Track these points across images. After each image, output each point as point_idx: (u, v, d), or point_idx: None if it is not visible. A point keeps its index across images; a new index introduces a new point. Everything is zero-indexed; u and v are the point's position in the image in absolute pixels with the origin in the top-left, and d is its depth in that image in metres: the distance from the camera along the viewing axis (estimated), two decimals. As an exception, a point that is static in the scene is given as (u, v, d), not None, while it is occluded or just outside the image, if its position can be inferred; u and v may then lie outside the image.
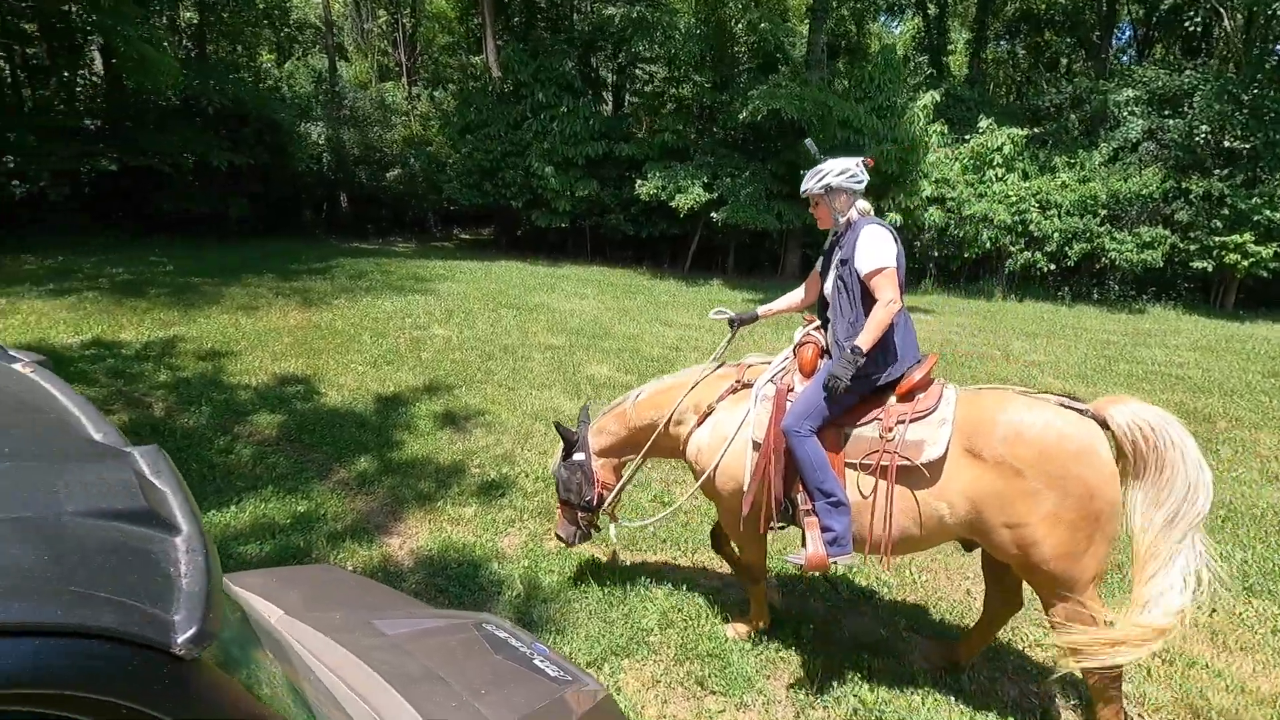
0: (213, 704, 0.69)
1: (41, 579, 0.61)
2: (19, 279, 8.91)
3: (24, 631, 0.57)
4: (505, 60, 15.46)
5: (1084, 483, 2.14)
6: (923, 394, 2.44)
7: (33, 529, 0.65)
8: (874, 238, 2.47)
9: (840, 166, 2.59)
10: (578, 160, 14.85)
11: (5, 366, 1.11)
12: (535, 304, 10.47)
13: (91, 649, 0.61)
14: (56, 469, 0.77)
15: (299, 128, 15.38)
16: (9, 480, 0.70)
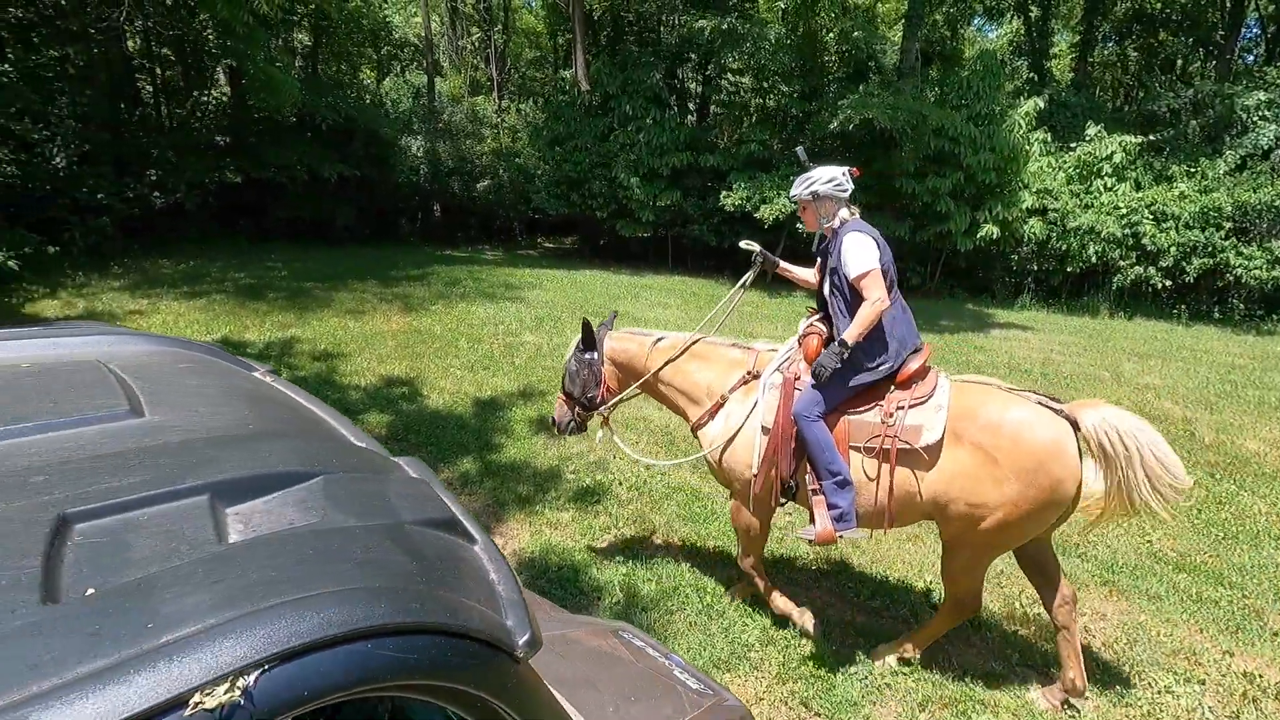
0: (537, 701, 0.78)
1: (420, 583, 0.70)
2: (158, 281, 9.81)
3: (421, 630, 0.66)
4: (594, 74, 15.82)
5: (1050, 476, 2.35)
6: (920, 381, 2.63)
7: (396, 536, 0.74)
8: (857, 244, 2.63)
9: (828, 175, 2.74)
10: (662, 171, 15.01)
11: (256, 377, 1.25)
12: (620, 313, 10.62)
13: (464, 647, 0.70)
14: (377, 479, 0.87)
15: (400, 141, 16.23)
16: (351, 489, 0.80)
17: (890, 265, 2.69)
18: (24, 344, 1.11)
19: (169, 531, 0.67)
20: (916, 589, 3.54)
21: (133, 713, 0.50)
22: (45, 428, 0.81)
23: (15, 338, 1.14)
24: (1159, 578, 3.69)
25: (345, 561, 0.68)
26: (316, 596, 0.62)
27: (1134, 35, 21.83)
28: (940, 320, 11.85)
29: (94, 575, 0.60)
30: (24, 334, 1.17)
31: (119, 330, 1.32)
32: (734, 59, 14.90)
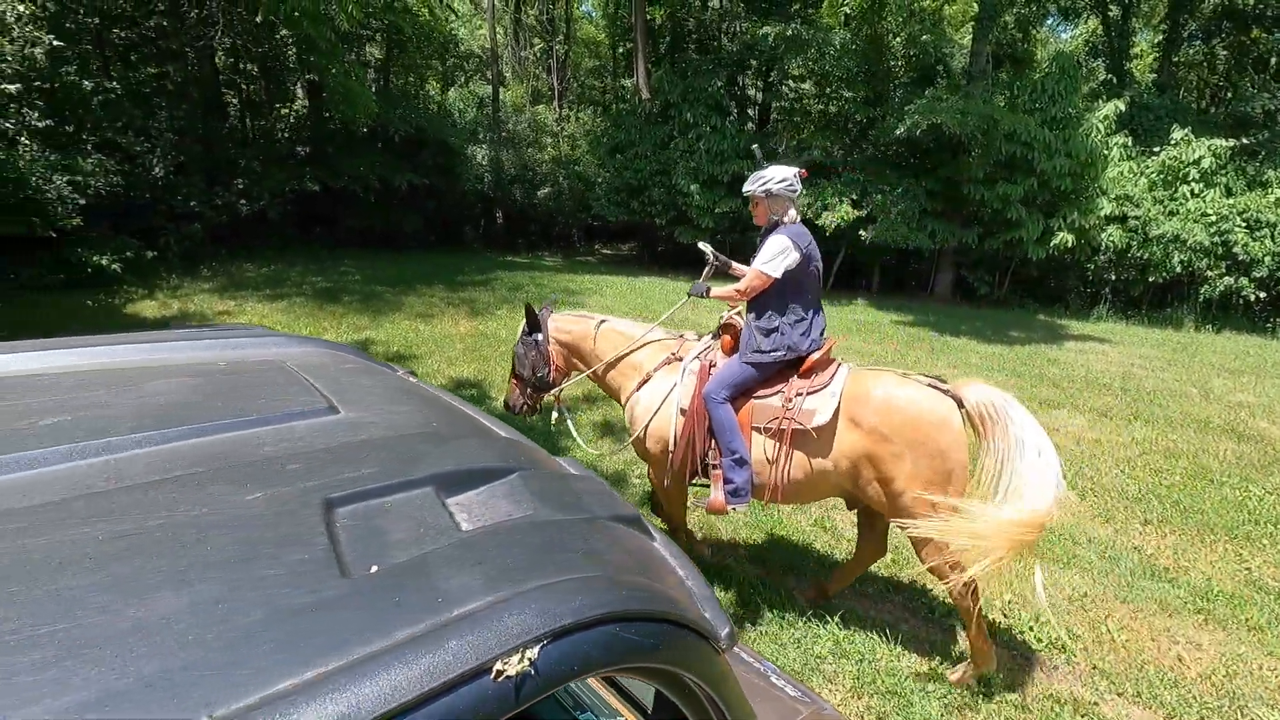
0: (737, 691, 0.84)
1: (640, 575, 0.77)
2: (243, 285, 10.38)
3: (652, 618, 0.72)
4: (655, 82, 15.96)
5: (939, 447, 2.60)
6: (821, 372, 2.90)
7: (601, 531, 0.81)
8: (775, 244, 2.89)
9: (781, 175, 2.93)
10: (722, 178, 15.02)
11: (405, 377, 1.33)
12: (679, 319, 10.69)
13: (685, 636, 0.76)
14: (560, 478, 0.93)
15: (467, 150, 16.71)
16: (545, 486, 0.86)
17: (811, 270, 2.95)
18: (209, 343, 1.22)
19: (412, 518, 0.73)
20: (994, 608, 3.45)
21: (451, 676, 0.56)
22: (266, 420, 0.89)
23: (198, 338, 1.25)
24: (1260, 608, 3.50)
25: (572, 552, 0.73)
26: (568, 582, 0.67)
27: (1223, 33, 20.64)
28: (1009, 331, 11.47)
29: (367, 555, 0.66)
30: (204, 335, 1.29)
31: (277, 333, 1.43)
32: (797, 65, 14.80)
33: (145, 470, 0.74)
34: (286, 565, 0.61)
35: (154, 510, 0.66)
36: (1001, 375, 8.27)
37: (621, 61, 27.35)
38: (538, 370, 3.49)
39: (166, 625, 0.53)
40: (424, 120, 14.97)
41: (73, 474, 0.73)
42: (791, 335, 2.91)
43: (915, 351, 9.54)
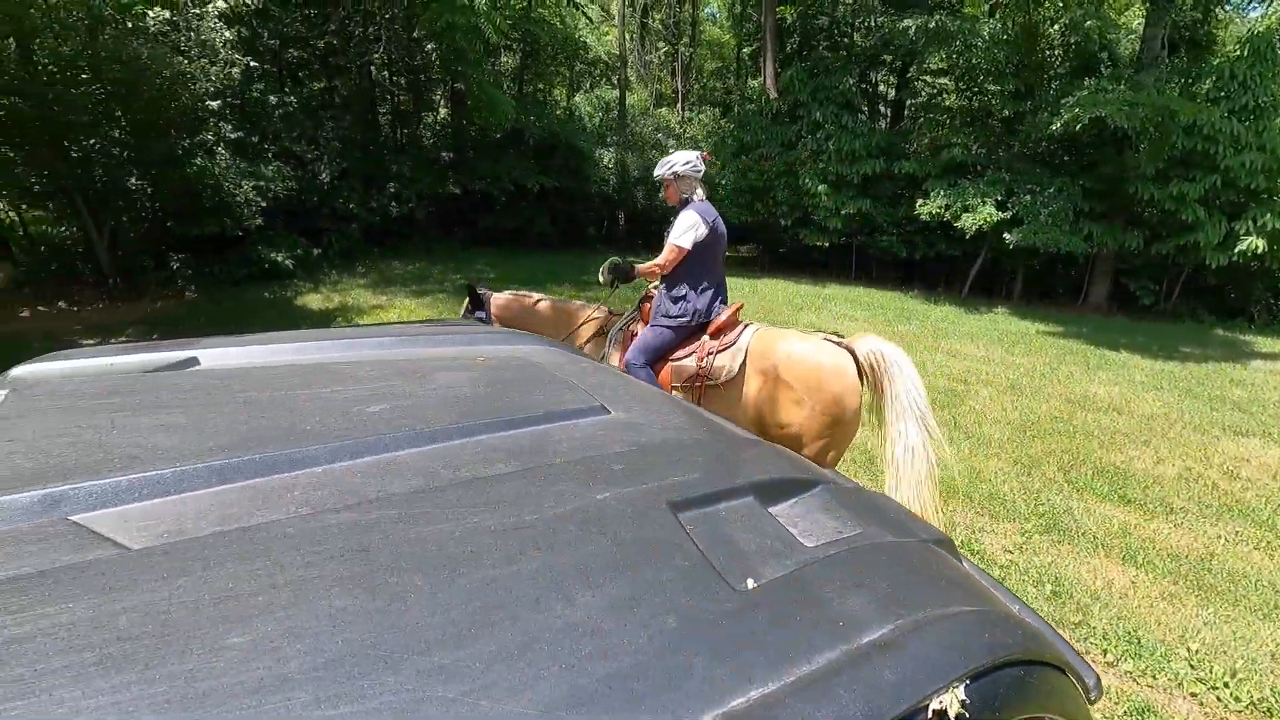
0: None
1: (1013, 610, 0.72)
2: (393, 281, 11.22)
3: (1044, 661, 0.66)
4: (784, 82, 15.67)
5: (833, 394, 2.86)
6: (730, 332, 3.22)
7: (938, 555, 0.74)
8: (685, 219, 3.23)
9: (685, 158, 3.34)
10: (852, 178, 14.51)
11: (620, 374, 1.37)
12: (804, 324, 10.44)
13: (1068, 684, 0.69)
14: (858, 493, 0.89)
15: (595, 154, 17.18)
16: (854, 501, 0.80)
17: (715, 246, 3.31)
18: (454, 338, 1.30)
19: (750, 528, 0.69)
20: (1178, 656, 3.11)
21: (900, 710, 0.51)
22: (552, 417, 0.89)
23: (441, 333, 1.33)
24: None
25: (941, 580, 0.67)
26: (966, 615, 0.62)
27: None
28: (1180, 346, 10.30)
29: (731, 565, 0.62)
30: (442, 330, 1.38)
31: (500, 329, 1.52)
32: (938, 59, 14.02)
33: (475, 460, 0.75)
34: (675, 570, 0.59)
35: (523, 502, 0.66)
36: (1174, 395, 7.45)
37: (746, 63, 27.11)
38: None
39: (597, 625, 0.52)
40: (556, 125, 15.56)
41: (418, 460, 0.74)
42: (698, 302, 3.28)
43: (1068, 365, 8.80)
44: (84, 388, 0.89)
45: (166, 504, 0.61)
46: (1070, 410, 6.79)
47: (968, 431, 6.27)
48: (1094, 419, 6.53)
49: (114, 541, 0.53)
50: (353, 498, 0.62)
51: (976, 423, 6.55)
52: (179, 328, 7.94)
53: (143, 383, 0.92)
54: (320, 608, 0.46)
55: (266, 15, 11.34)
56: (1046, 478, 5.02)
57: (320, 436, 0.74)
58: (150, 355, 1.11)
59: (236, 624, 0.44)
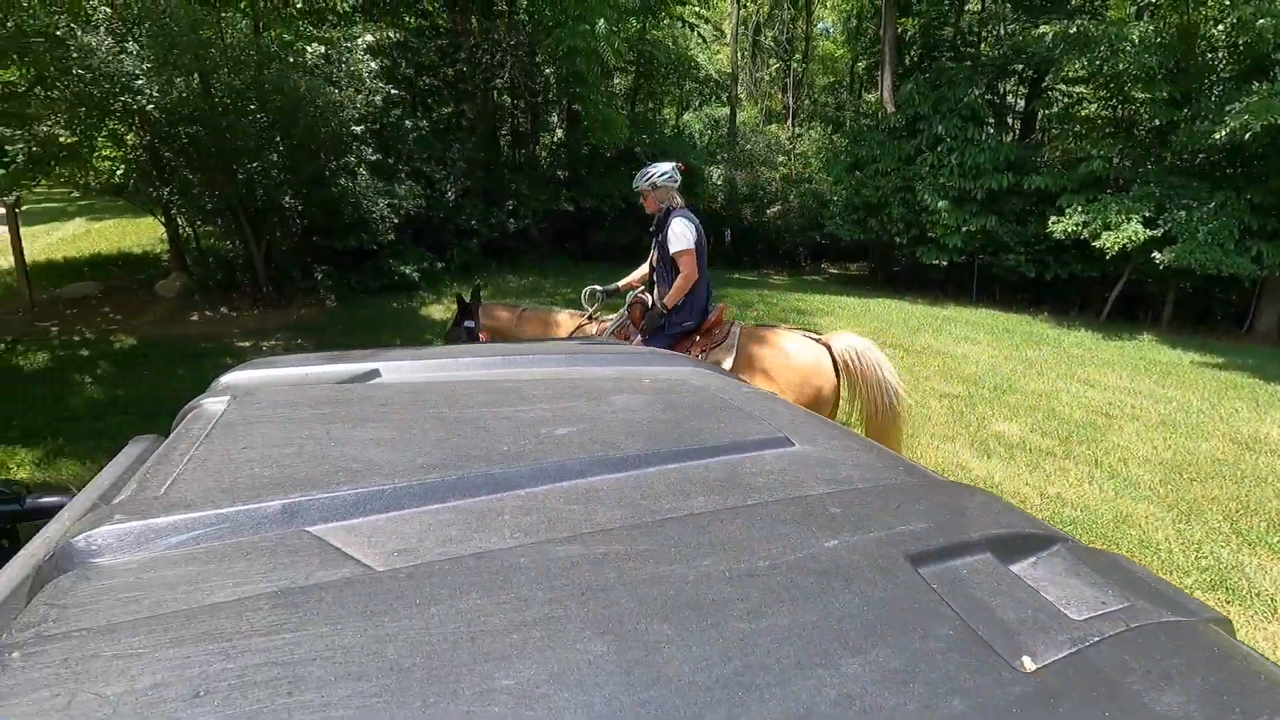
0: None
1: None
2: (508, 293, 11.71)
3: None
4: (903, 95, 15.11)
5: (812, 384, 3.23)
6: (718, 330, 3.46)
7: (1227, 641, 0.63)
8: (677, 226, 3.45)
9: (662, 170, 3.62)
10: (976, 194, 13.74)
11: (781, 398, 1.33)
12: (922, 346, 9.94)
13: None
14: (1093, 552, 0.79)
15: (704, 170, 17.26)
16: (1099, 563, 0.70)
17: (704, 246, 3.54)
18: (611, 357, 1.31)
19: (1000, 589, 0.60)
20: None
21: None
22: (739, 447, 0.83)
23: (594, 352, 1.35)
24: None
25: (1257, 676, 0.55)
26: None
27: None
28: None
29: (995, 635, 0.54)
30: (592, 348, 1.40)
31: (650, 350, 1.53)
32: (1078, 66, 13.06)
33: (671, 492, 0.71)
34: (941, 639, 0.51)
35: (748, 545, 0.60)
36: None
37: (862, 76, 26.41)
38: None
39: (874, 701, 0.45)
40: (667, 143, 15.75)
41: (614, 488, 0.71)
42: (701, 302, 3.54)
43: (1231, 401, 7.89)
44: (294, 397, 0.96)
45: (388, 521, 0.63)
46: (1237, 452, 6.07)
47: (1111, 470, 5.73)
48: (1267, 463, 5.80)
49: (357, 560, 0.55)
50: (565, 527, 0.62)
51: (1122, 461, 5.98)
52: (321, 333, 8.64)
53: (344, 394, 0.98)
54: (578, 653, 0.44)
55: (405, 46, 12.23)
56: (1209, 527, 4.50)
57: (517, 458, 0.75)
58: (337, 366, 1.18)
59: (499, 663, 0.41)
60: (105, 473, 0.99)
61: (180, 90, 7.39)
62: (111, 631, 0.45)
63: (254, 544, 0.58)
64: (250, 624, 0.45)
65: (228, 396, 0.98)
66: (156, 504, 0.63)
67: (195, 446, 0.78)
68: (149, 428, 4.37)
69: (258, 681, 0.40)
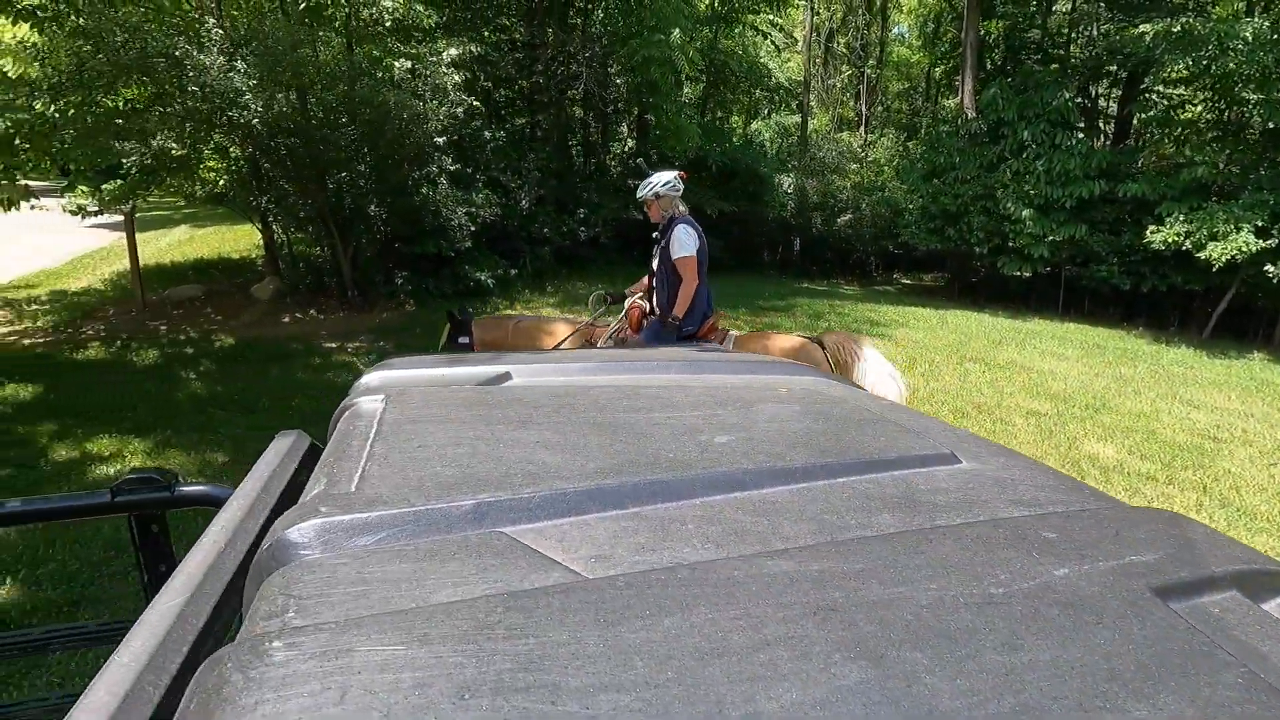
0: None
1: None
2: (578, 299, 11.85)
3: None
4: (986, 99, 14.55)
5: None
6: (714, 336, 3.64)
7: None
8: (680, 233, 3.61)
9: (665, 179, 3.79)
10: (1065, 201, 13.07)
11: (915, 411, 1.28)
12: (1005, 360, 9.51)
13: None
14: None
15: (775, 179, 17.08)
16: None
17: (705, 253, 3.67)
18: (736, 364, 1.29)
19: (1268, 634, 0.53)
20: None
21: None
22: (905, 463, 0.79)
23: (718, 358, 1.33)
24: None
25: None
26: None
27: None
28: None
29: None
30: (711, 353, 1.38)
31: (771, 359, 1.50)
32: (1182, 67, 12.29)
33: (853, 508, 0.67)
34: (1228, 687, 0.45)
35: (972, 570, 0.55)
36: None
37: (941, 81, 25.63)
38: None
39: None
40: (737, 151, 15.67)
41: (790, 501, 0.68)
42: (702, 307, 3.69)
43: None
44: (445, 397, 0.97)
45: (573, 526, 0.62)
46: (1370, 484, 5.55)
47: (1222, 499, 5.34)
48: (1406, 498, 5.28)
49: (564, 565, 0.55)
50: (754, 540, 0.60)
51: (1234, 489, 5.57)
52: (401, 336, 8.96)
53: (493, 396, 0.99)
54: (834, 678, 0.40)
55: (484, 60, 12.60)
56: (1345, 566, 4.10)
57: (686, 465, 0.74)
58: (470, 368, 1.20)
59: (757, 685, 0.39)
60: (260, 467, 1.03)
61: (281, 105, 7.83)
62: (357, 626, 0.45)
63: (458, 543, 0.58)
64: (489, 626, 0.45)
65: (381, 396, 1.01)
66: (354, 500, 0.64)
67: (369, 444, 0.80)
68: (246, 423, 4.60)
69: (518, 688, 0.39)
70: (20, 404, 6.64)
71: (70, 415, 6.40)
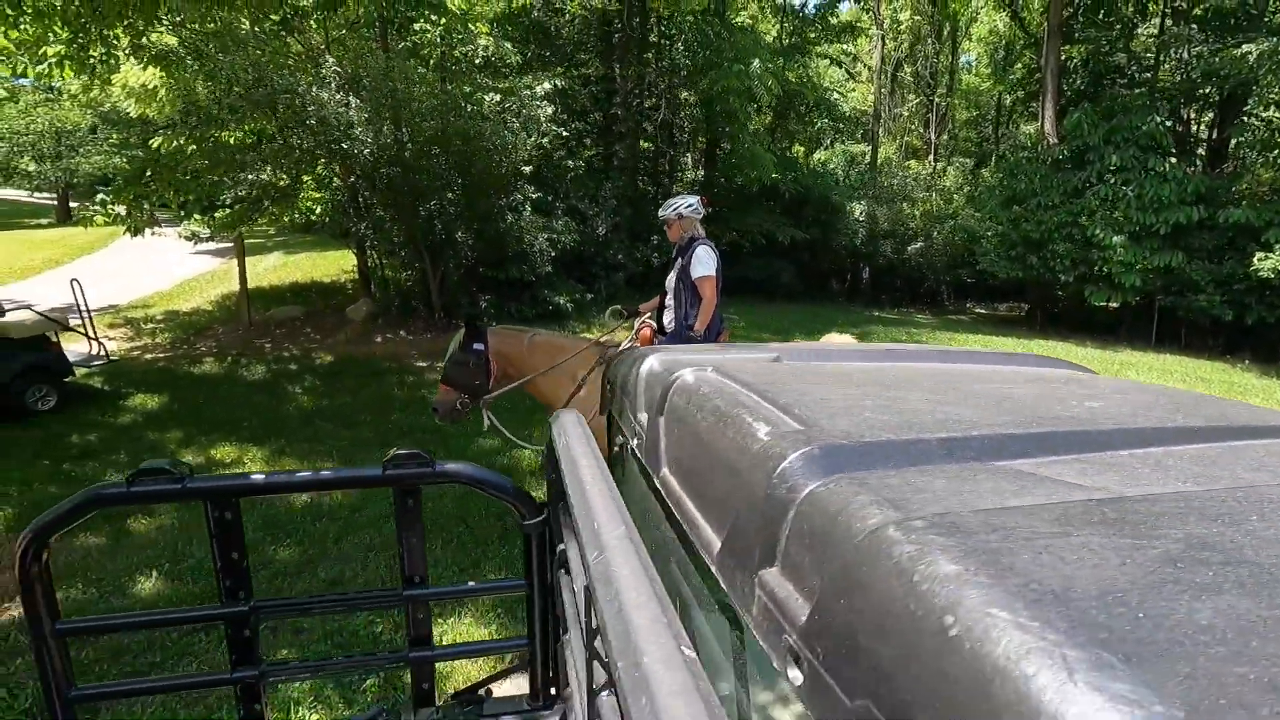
0: None
1: None
2: (653, 325, 12.00)
3: None
4: (1071, 124, 14.20)
5: None
6: None
7: None
8: (702, 253, 3.80)
9: (688, 201, 3.94)
10: (1159, 228, 12.57)
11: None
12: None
13: None
14: None
15: (847, 207, 17.00)
16: None
17: (720, 274, 3.82)
18: (1001, 358, 1.31)
19: None
20: None
21: None
22: (1260, 432, 0.76)
23: (986, 355, 1.35)
24: None
25: None
26: None
27: None
28: None
29: None
30: (977, 353, 1.40)
31: (1024, 354, 1.50)
32: (1288, 87, 11.77)
33: (1260, 466, 0.65)
34: None
35: None
36: None
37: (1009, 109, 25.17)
38: (476, 379, 3.82)
39: None
40: (810, 179, 15.69)
41: (1210, 456, 0.67)
42: (716, 324, 3.92)
43: None
44: (785, 368, 1.02)
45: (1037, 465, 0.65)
46: None
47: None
48: None
49: (1086, 486, 0.58)
50: (1211, 483, 0.61)
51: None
52: (490, 357, 9.21)
53: (824, 369, 1.04)
54: None
55: (565, 93, 13.09)
56: None
57: (1087, 422, 0.76)
58: (747, 354, 1.25)
59: None
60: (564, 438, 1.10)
61: (385, 136, 8.30)
62: (976, 514, 0.49)
63: (956, 471, 0.62)
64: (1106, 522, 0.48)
65: (701, 369, 1.05)
66: (834, 434, 0.68)
67: (766, 399, 0.84)
68: (350, 437, 4.89)
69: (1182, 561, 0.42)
70: (148, 413, 7.11)
71: (193, 423, 6.81)
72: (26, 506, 5.01)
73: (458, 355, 3.87)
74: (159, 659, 3.16)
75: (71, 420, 6.76)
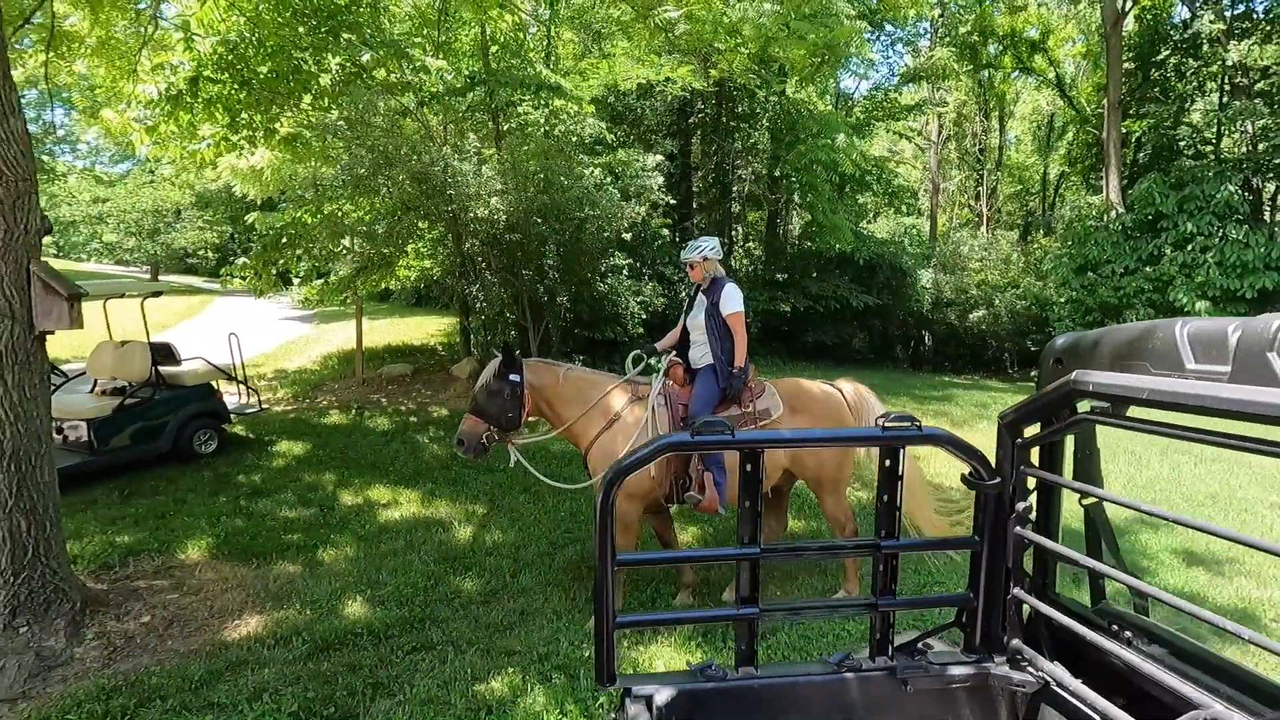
0: None
1: None
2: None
3: None
4: (1142, 193, 14.50)
5: (838, 420, 4.06)
6: (755, 385, 4.04)
7: None
8: (730, 291, 3.98)
9: (713, 244, 4.11)
10: (1244, 293, 12.58)
11: None
12: (1213, 454, 8.99)
13: None
14: None
15: (917, 274, 17.35)
16: None
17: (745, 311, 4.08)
18: None
19: None
20: None
21: None
22: None
23: None
24: None
25: None
26: None
27: None
28: None
29: None
30: None
31: None
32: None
33: None
34: None
35: None
36: None
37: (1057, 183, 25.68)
38: (508, 410, 3.82)
39: None
40: (880, 247, 16.13)
41: None
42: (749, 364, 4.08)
43: None
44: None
45: None
46: None
47: None
48: None
49: None
50: None
51: None
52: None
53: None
54: None
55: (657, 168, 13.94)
56: None
57: None
58: None
59: None
60: None
61: (513, 205, 8.97)
62: None
63: None
64: None
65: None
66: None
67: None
68: (491, 480, 5.43)
69: None
70: (298, 457, 7.54)
71: (341, 468, 7.20)
72: (221, 538, 5.37)
73: (492, 385, 3.79)
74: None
75: (234, 463, 7.22)
